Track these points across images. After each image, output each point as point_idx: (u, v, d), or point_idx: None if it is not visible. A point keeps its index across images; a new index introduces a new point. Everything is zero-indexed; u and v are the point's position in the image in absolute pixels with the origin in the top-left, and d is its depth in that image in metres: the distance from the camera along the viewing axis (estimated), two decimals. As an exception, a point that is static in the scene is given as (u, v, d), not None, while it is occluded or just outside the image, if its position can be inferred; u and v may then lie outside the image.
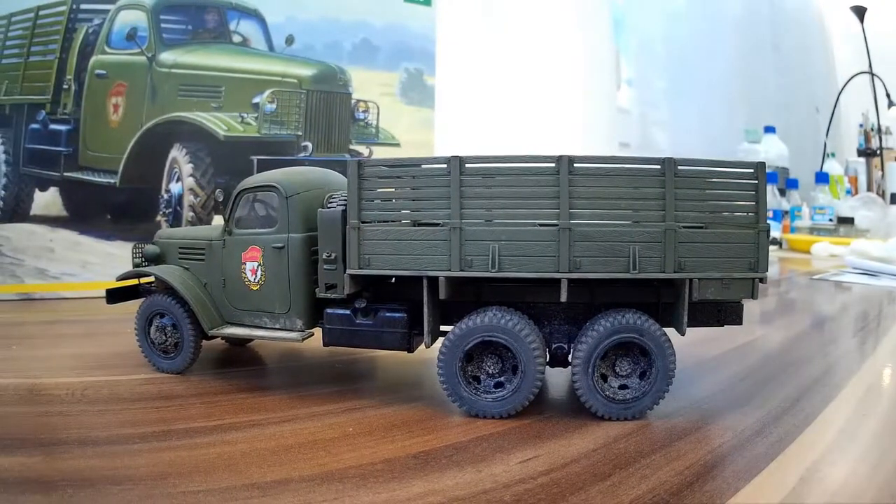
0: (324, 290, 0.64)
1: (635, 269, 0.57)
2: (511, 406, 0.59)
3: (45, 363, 0.77)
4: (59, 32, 1.26)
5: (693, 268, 0.57)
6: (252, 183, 0.69)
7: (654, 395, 0.59)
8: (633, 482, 0.47)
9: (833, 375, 0.75)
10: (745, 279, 0.58)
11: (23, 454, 0.50)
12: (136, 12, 1.30)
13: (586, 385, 0.59)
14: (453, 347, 0.60)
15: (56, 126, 1.27)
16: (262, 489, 0.45)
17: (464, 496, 0.44)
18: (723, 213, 0.59)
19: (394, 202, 0.62)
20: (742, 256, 0.58)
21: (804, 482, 0.46)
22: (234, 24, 1.37)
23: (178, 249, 0.74)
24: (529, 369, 0.58)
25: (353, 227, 0.60)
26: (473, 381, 0.61)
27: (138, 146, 1.29)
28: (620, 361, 0.60)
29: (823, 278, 1.66)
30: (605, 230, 0.57)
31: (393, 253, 0.60)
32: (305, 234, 0.65)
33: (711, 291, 0.58)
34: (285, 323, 0.66)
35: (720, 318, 0.66)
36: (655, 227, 0.57)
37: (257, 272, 0.67)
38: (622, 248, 0.57)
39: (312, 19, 1.43)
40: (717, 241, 0.57)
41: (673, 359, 0.59)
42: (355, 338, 0.65)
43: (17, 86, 1.26)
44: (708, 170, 0.59)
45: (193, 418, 0.59)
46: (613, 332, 0.58)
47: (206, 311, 0.70)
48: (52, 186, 1.28)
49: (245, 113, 1.34)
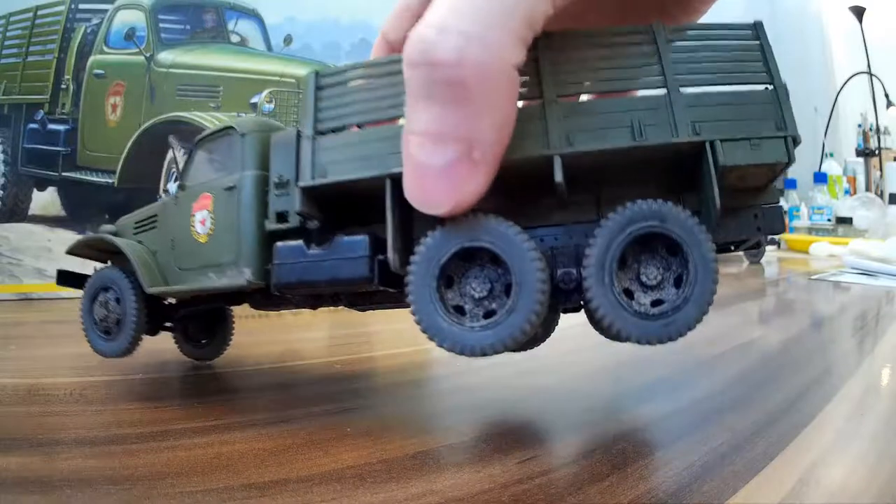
0: (274, 221, 0.56)
1: (642, 137, 0.48)
2: (507, 334, 0.47)
3: (44, 363, 0.77)
4: (57, 32, 1.26)
5: (711, 130, 0.48)
6: (208, 131, 0.64)
7: (699, 302, 0.46)
8: (631, 482, 0.47)
9: (832, 376, 0.75)
10: (775, 137, 0.49)
11: (21, 454, 0.50)
12: (134, 12, 1.30)
13: (607, 301, 0.47)
14: (425, 262, 0.49)
15: (54, 126, 1.27)
16: (261, 489, 0.45)
17: (462, 496, 0.44)
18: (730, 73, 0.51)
19: (355, 106, 0.54)
20: (765, 117, 0.49)
21: (803, 483, 0.46)
22: (232, 24, 1.37)
23: (134, 225, 0.69)
24: (527, 280, 0.47)
25: (307, 137, 0.54)
26: (456, 311, 0.49)
27: (136, 146, 1.29)
28: (646, 267, 0.48)
29: (822, 278, 1.67)
30: (600, 101, 0.50)
31: (352, 158, 0.52)
32: (259, 171, 0.59)
33: (740, 155, 0.48)
34: (232, 275, 0.59)
35: (759, 225, 0.54)
36: (657, 94, 0.50)
37: (206, 222, 0.61)
38: (622, 118, 0.49)
39: (311, 19, 1.43)
40: (734, 102, 0.50)
41: (711, 247, 0.47)
42: (308, 273, 0.54)
43: (16, 85, 1.26)
44: (702, 31, 0.52)
45: (191, 418, 0.58)
46: (627, 222, 0.47)
47: (147, 268, 0.64)
48: (51, 186, 1.28)
49: (243, 113, 1.34)
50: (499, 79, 0.43)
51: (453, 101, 0.43)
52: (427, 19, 0.43)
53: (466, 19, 0.42)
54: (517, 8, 0.43)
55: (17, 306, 1.17)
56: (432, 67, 0.42)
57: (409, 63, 0.44)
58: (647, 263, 0.48)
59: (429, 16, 0.43)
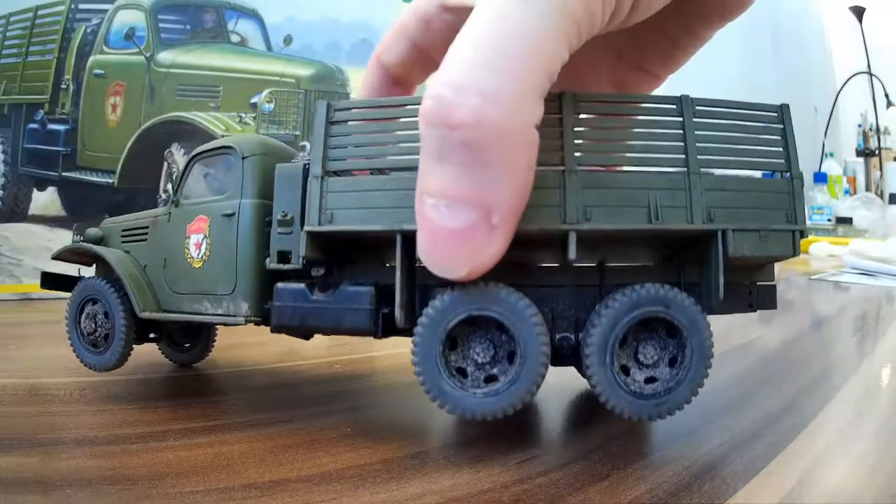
0: (275, 260, 0.54)
1: (658, 220, 0.48)
2: (507, 402, 0.48)
3: (44, 363, 0.77)
4: (57, 32, 1.26)
5: (725, 218, 0.49)
6: (205, 147, 0.61)
7: (690, 384, 0.48)
8: (631, 482, 0.47)
9: (831, 376, 0.75)
10: (783, 231, 0.50)
11: (21, 454, 0.50)
12: (134, 12, 1.30)
13: (605, 380, 0.48)
14: (432, 325, 0.48)
15: (54, 126, 1.27)
16: (260, 489, 0.45)
17: (462, 496, 0.44)
18: (751, 158, 0.51)
19: (367, 148, 0.52)
20: (777, 207, 0.50)
21: (802, 483, 0.46)
22: (232, 24, 1.37)
23: (121, 232, 0.66)
24: (531, 352, 0.47)
25: (315, 176, 0.51)
26: (458, 374, 0.50)
27: (136, 146, 1.29)
28: (644, 346, 0.50)
29: (822, 278, 1.67)
30: (619, 175, 0.49)
31: (362, 206, 0.50)
32: (260, 200, 0.56)
33: (748, 246, 0.49)
34: (228, 307, 0.56)
35: (753, 301, 0.56)
36: (677, 171, 0.49)
37: (202, 246, 0.58)
38: (640, 196, 0.48)
39: (311, 19, 1.43)
40: (750, 189, 0.49)
41: (709, 334, 0.48)
42: (310, 318, 0.53)
43: (16, 85, 1.26)
44: (730, 111, 0.51)
45: (191, 419, 0.58)
46: (633, 306, 0.48)
47: (139, 290, 0.61)
48: (51, 186, 1.28)
49: (243, 113, 1.34)
50: (518, 141, 0.42)
51: (471, 163, 0.41)
52: (443, 76, 0.41)
53: (483, 77, 0.40)
54: (535, 60, 0.41)
55: (17, 306, 1.17)
56: (449, 129, 0.41)
57: (425, 122, 0.42)
58: (646, 343, 0.50)
59: (445, 72, 0.41)
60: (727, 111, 0.51)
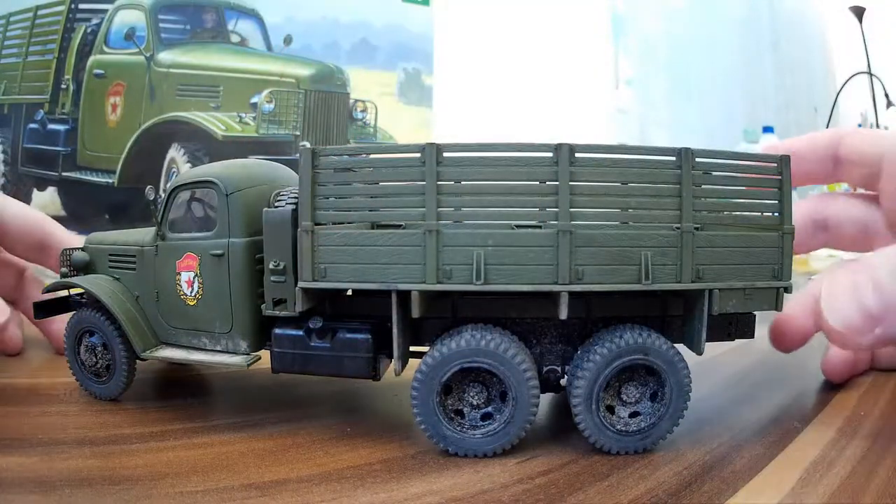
0: (271, 307, 0.54)
1: (648, 280, 0.49)
2: (505, 440, 0.51)
3: (43, 363, 0.77)
4: (57, 32, 1.26)
5: (713, 277, 0.50)
6: (187, 178, 0.60)
7: (671, 418, 0.52)
8: (631, 482, 0.47)
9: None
10: (768, 288, 0.52)
11: (21, 454, 0.50)
12: (134, 12, 1.30)
13: (593, 423, 0.51)
14: (427, 380, 0.51)
15: (54, 126, 1.27)
16: (260, 489, 0.45)
17: (462, 496, 0.44)
18: (744, 213, 0.53)
19: (356, 199, 0.52)
20: (765, 263, 0.51)
21: (803, 483, 0.46)
22: (232, 24, 1.37)
23: (109, 257, 0.64)
24: (522, 395, 0.50)
25: (305, 229, 0.50)
26: (456, 415, 0.52)
27: (136, 146, 1.29)
28: (626, 387, 0.52)
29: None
30: (613, 233, 0.50)
31: (354, 262, 0.50)
32: (249, 238, 0.56)
33: (733, 304, 0.51)
34: (227, 344, 0.57)
35: (731, 331, 0.59)
36: (670, 229, 0.49)
37: (194, 284, 0.57)
38: (632, 255, 0.49)
39: (311, 19, 1.43)
40: (739, 246, 0.51)
41: (686, 373, 0.51)
42: (310, 363, 0.55)
43: (16, 85, 1.26)
44: (729, 162, 0.51)
45: (191, 418, 0.58)
46: (613, 357, 0.50)
47: (138, 331, 0.60)
48: (51, 186, 1.28)
49: (243, 113, 1.34)
50: None
51: None
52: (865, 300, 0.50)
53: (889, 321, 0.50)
54: None
55: (16, 306, 1.17)
56: (844, 341, 0.53)
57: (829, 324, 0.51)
58: (628, 384, 0.52)
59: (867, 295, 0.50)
60: (727, 163, 0.51)
